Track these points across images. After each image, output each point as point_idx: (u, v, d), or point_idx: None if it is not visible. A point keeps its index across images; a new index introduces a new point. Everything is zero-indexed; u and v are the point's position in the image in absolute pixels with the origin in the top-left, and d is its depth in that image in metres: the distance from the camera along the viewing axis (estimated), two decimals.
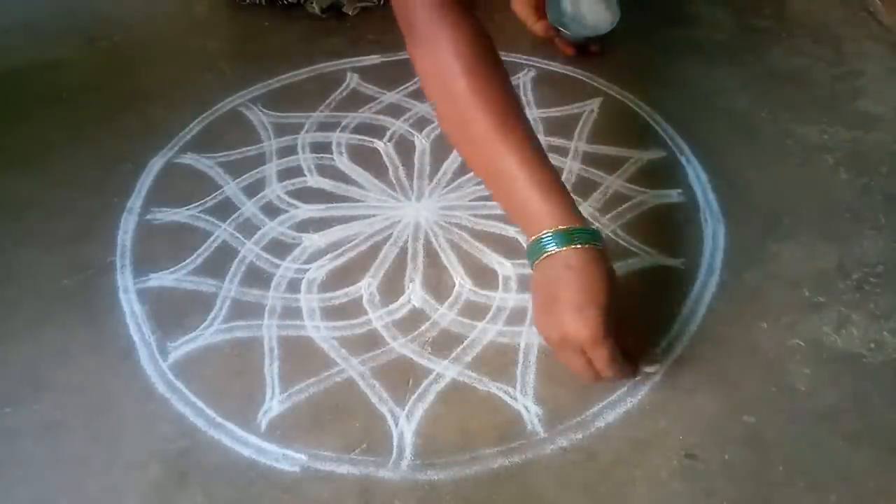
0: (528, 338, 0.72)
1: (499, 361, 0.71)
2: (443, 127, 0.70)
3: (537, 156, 0.63)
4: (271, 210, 0.87)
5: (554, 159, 0.90)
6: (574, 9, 1.06)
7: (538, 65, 1.07)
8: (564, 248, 0.59)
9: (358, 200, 0.88)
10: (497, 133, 0.62)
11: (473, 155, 0.67)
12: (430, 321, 0.75)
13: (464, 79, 0.63)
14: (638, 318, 0.64)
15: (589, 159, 0.91)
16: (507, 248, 0.81)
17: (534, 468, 0.63)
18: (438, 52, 0.65)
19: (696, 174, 0.88)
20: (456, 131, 0.67)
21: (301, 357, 0.72)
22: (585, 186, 0.88)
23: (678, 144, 0.93)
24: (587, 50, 1.06)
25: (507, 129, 0.62)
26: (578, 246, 0.59)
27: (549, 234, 0.59)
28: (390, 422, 0.66)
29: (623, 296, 0.61)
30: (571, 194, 0.63)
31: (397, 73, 1.06)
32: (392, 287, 0.78)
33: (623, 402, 0.67)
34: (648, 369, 0.67)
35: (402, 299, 0.77)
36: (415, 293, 0.77)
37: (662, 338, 0.72)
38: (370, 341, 0.73)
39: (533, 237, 0.61)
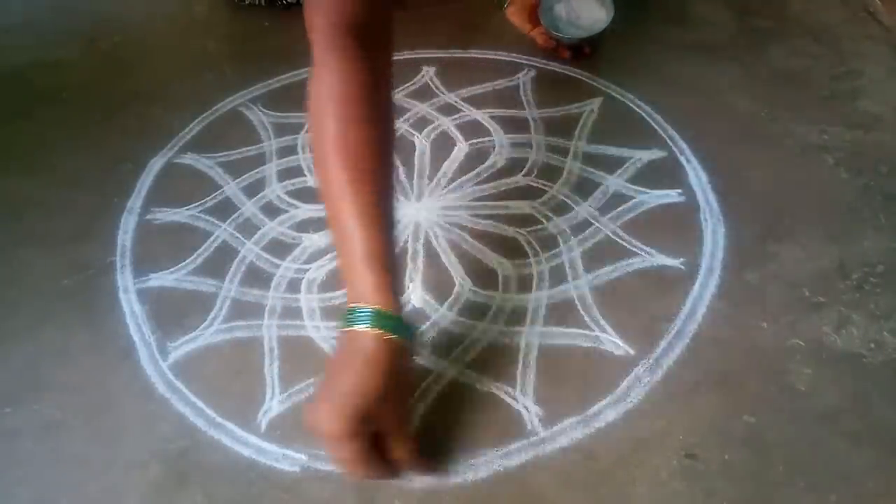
0: (528, 338, 0.72)
1: (499, 361, 0.71)
2: (311, 154, 0.67)
3: (381, 224, 0.60)
4: (271, 210, 0.87)
5: (554, 159, 0.91)
6: (568, 12, 1.06)
7: (538, 65, 1.07)
8: (370, 330, 0.56)
9: None
10: (348, 187, 0.59)
11: (324, 197, 0.63)
12: (430, 321, 0.75)
13: (332, 121, 0.61)
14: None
15: (589, 159, 0.91)
16: (507, 248, 0.81)
17: (534, 468, 0.63)
18: (319, 85, 0.62)
19: (696, 174, 0.88)
20: (316, 167, 0.65)
21: (301, 357, 0.72)
22: (585, 186, 0.88)
23: (678, 144, 0.92)
24: (581, 52, 1.06)
25: (359, 187, 0.60)
26: (382, 332, 0.56)
27: (365, 310, 0.57)
28: None
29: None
30: (399, 276, 0.62)
31: (397, 73, 1.05)
32: None
33: (623, 401, 0.67)
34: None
35: (402, 299, 0.77)
36: (415, 293, 0.77)
37: (663, 338, 0.72)
38: None
39: (351, 304, 0.58)
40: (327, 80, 0.62)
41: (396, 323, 0.58)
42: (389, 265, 0.59)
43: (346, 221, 0.59)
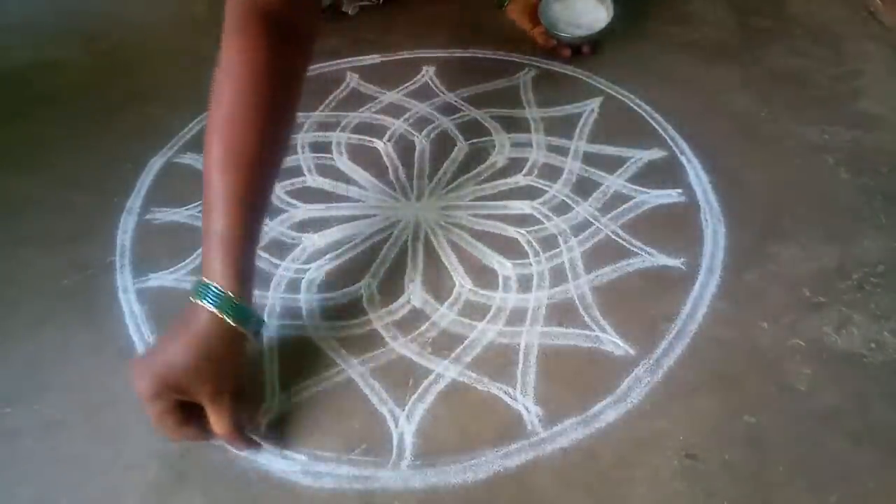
0: (528, 338, 0.72)
1: (499, 361, 0.71)
2: None
3: (245, 208, 0.62)
4: (271, 210, 0.87)
5: (554, 159, 0.91)
6: (568, 12, 1.06)
7: (538, 64, 1.07)
8: (207, 307, 0.59)
9: (358, 200, 0.88)
10: (222, 165, 0.61)
11: (204, 171, 0.63)
12: (430, 321, 0.75)
13: (225, 97, 0.62)
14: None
15: (589, 159, 0.91)
16: (507, 248, 0.81)
17: (534, 468, 0.63)
18: (223, 63, 0.64)
19: (696, 174, 0.88)
20: (205, 139, 0.65)
21: (301, 357, 0.72)
22: (585, 186, 0.88)
23: (678, 144, 0.92)
24: (581, 52, 1.06)
25: (233, 168, 0.61)
26: (217, 312, 0.59)
27: (210, 288, 0.59)
28: (390, 422, 0.66)
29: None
30: (254, 264, 0.63)
31: (397, 73, 1.06)
32: (392, 287, 0.78)
33: (623, 402, 0.67)
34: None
35: (402, 299, 0.77)
36: (415, 293, 0.77)
37: (663, 338, 0.72)
38: (370, 341, 0.73)
39: (204, 279, 0.60)
40: (232, 59, 0.64)
41: (236, 307, 0.60)
42: (243, 249, 0.62)
43: (213, 198, 0.61)
